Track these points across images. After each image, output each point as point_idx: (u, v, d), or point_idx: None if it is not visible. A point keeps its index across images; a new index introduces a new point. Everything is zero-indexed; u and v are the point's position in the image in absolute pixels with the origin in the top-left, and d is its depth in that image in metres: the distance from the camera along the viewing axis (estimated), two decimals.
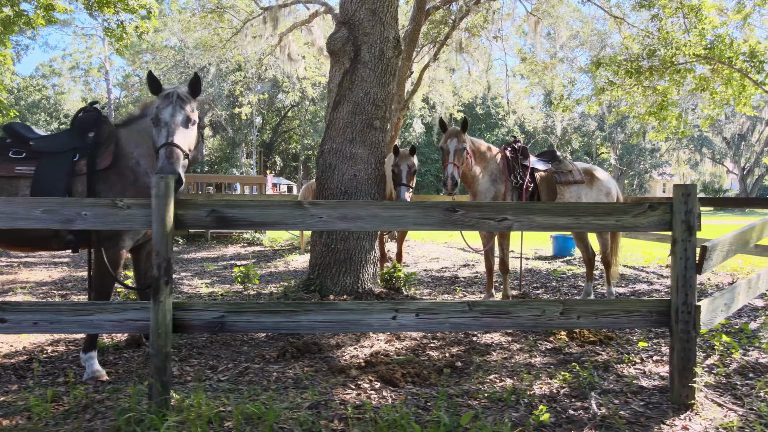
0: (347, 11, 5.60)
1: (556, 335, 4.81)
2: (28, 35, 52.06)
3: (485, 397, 3.33)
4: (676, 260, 3.18)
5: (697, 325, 3.17)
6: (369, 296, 5.46)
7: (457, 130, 5.59)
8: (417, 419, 2.99)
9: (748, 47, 9.88)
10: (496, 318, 3.21)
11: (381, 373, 3.70)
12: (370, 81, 5.53)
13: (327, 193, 5.55)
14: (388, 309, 3.14)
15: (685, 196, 3.16)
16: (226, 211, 3.03)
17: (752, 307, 6.29)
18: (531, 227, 3.28)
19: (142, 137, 3.74)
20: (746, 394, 3.44)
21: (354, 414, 3.01)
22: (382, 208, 3.15)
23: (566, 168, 6.15)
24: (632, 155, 49.99)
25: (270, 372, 3.83)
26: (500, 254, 6.01)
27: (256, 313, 3.06)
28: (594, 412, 3.10)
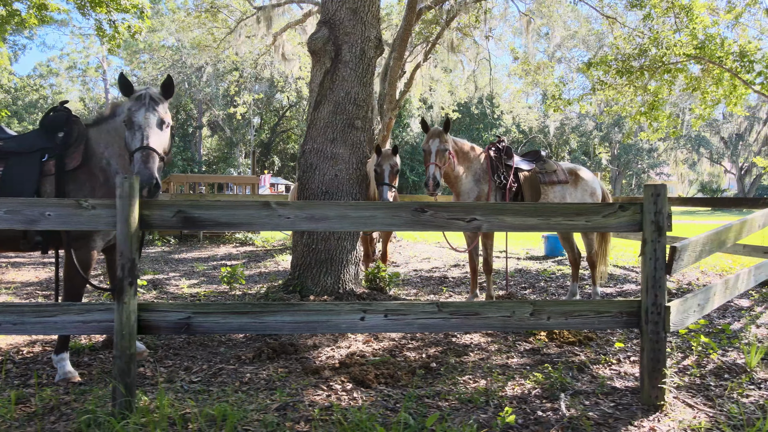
0: (328, 11, 5.58)
1: (536, 336, 4.80)
2: (25, 35, 52.09)
3: (455, 399, 3.31)
4: (646, 261, 3.17)
5: (666, 326, 3.16)
6: (350, 297, 5.44)
7: (439, 131, 5.57)
8: (384, 421, 2.98)
9: (738, 47, 9.87)
10: (465, 319, 3.20)
11: (354, 374, 3.68)
12: (351, 81, 5.51)
13: (308, 193, 5.53)
14: (356, 310, 3.12)
15: (655, 197, 3.14)
16: (192, 211, 3.01)
17: (737, 306, 6.28)
18: (501, 228, 3.26)
19: (113, 138, 3.72)
20: (719, 395, 3.43)
21: (320, 416, 2.99)
22: (350, 209, 3.13)
23: (550, 168, 6.14)
24: (630, 155, 50.00)
25: (243, 373, 3.81)
26: (483, 254, 5.99)
27: (223, 314, 3.05)
28: (563, 414, 3.09)
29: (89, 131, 3.76)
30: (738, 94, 10.78)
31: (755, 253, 7.57)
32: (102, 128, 3.75)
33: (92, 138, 3.73)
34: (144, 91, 3.56)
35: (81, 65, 57.23)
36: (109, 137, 3.70)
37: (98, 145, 3.72)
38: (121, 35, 14.95)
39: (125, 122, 3.53)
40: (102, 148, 3.76)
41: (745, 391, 3.50)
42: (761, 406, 3.27)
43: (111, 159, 3.75)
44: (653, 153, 52.18)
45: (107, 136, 3.71)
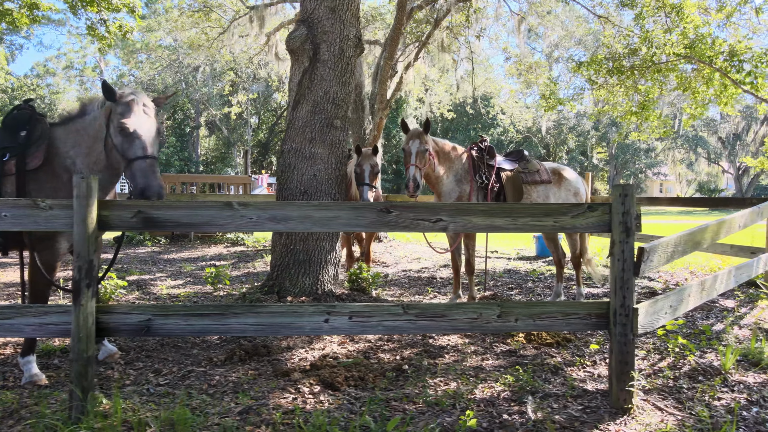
0: (306, 9, 5.53)
1: (514, 337, 4.75)
2: (22, 35, 52.03)
3: (423, 402, 3.27)
4: (614, 262, 3.13)
5: (634, 328, 3.12)
6: (329, 297, 5.40)
7: (419, 131, 5.52)
8: (346, 424, 2.94)
9: (728, 46, 9.83)
10: (431, 321, 3.16)
11: (323, 376, 3.64)
12: (329, 80, 5.47)
13: (286, 193, 5.48)
14: (320, 312, 3.08)
15: (623, 197, 3.10)
16: (153, 212, 2.97)
17: (723, 307, 6.25)
18: (467, 228, 3.22)
19: (81, 137, 3.66)
20: (690, 398, 3.39)
21: (282, 419, 2.95)
22: (313, 209, 3.09)
23: (533, 168, 6.10)
24: (627, 155, 49.98)
25: (213, 375, 3.77)
26: (466, 255, 5.95)
27: (184, 316, 3.01)
28: (528, 417, 3.05)
29: (55, 130, 3.70)
30: (729, 94, 10.74)
31: (742, 253, 7.54)
32: (69, 127, 3.68)
33: (58, 137, 3.67)
34: (133, 95, 3.48)
35: (78, 65, 57.16)
36: (77, 136, 3.65)
37: (64, 144, 3.66)
38: (113, 35, 14.90)
39: (119, 128, 3.40)
40: (68, 147, 3.69)
41: (717, 394, 3.46)
42: (732, 409, 3.24)
43: (77, 158, 3.69)
44: (650, 153, 52.17)
45: (75, 136, 3.65)
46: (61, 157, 3.60)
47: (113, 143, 3.47)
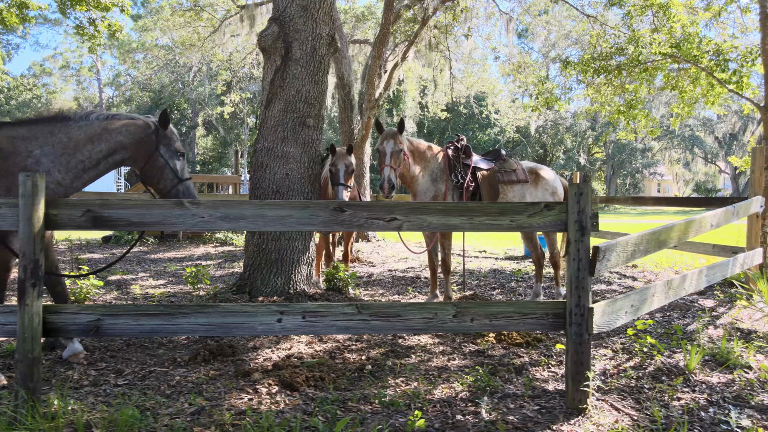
0: (278, 7, 5.49)
1: (484, 337, 4.73)
2: (18, 34, 52.02)
3: (379, 402, 3.24)
4: (570, 261, 3.11)
5: (589, 328, 3.09)
6: (301, 297, 5.37)
7: (393, 131, 5.49)
8: (297, 425, 2.91)
9: (714, 45, 9.80)
10: (385, 321, 3.13)
11: (284, 377, 3.61)
12: (302, 78, 5.43)
13: (259, 192, 5.45)
14: (273, 312, 3.05)
15: (578, 196, 3.08)
16: (102, 210, 2.94)
17: (701, 307, 6.23)
18: (422, 228, 3.20)
19: (57, 139, 3.75)
20: (650, 398, 3.37)
21: (232, 420, 2.92)
22: (266, 208, 3.06)
23: (510, 167, 6.07)
24: (623, 155, 49.97)
25: (173, 376, 3.74)
26: (441, 254, 5.92)
27: (133, 316, 2.98)
28: (482, 417, 3.02)
29: (15, 129, 3.69)
30: (716, 93, 10.71)
31: (724, 252, 7.50)
32: (43, 128, 3.73)
33: (18, 135, 3.65)
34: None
35: (74, 64, 57.13)
36: (53, 138, 3.68)
37: (26, 142, 3.65)
38: (101, 34, 14.86)
39: (178, 152, 4.23)
40: (33, 146, 3.69)
41: (677, 394, 3.44)
42: (690, 409, 3.21)
43: (43, 158, 3.68)
44: (647, 153, 52.16)
45: (50, 137, 3.68)
46: (20, 156, 3.57)
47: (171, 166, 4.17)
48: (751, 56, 9.33)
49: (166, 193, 4.17)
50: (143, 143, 4.07)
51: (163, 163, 4.10)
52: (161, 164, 4.10)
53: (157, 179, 4.15)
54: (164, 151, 4.11)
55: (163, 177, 4.14)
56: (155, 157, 4.09)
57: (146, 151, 4.08)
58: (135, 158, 4.10)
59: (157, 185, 4.18)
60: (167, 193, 4.17)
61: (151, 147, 4.08)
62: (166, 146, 4.13)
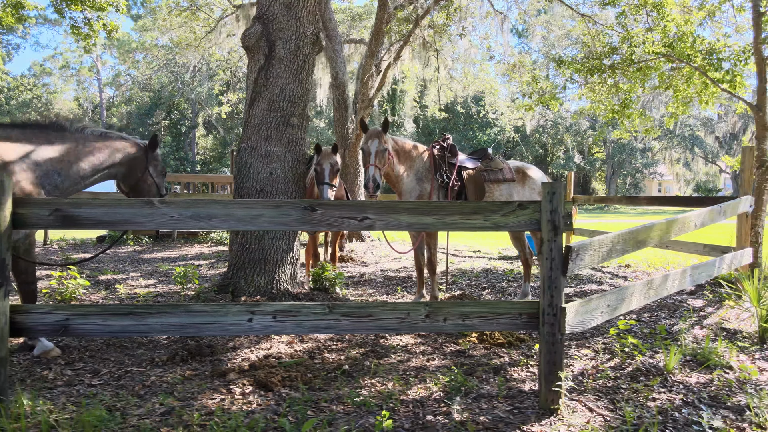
0: (262, 6, 5.48)
1: (466, 337, 4.71)
2: (18, 34, 52.07)
3: (352, 402, 3.23)
4: (543, 261, 3.08)
5: (562, 328, 3.07)
6: (285, 297, 5.35)
7: (377, 131, 5.47)
8: (265, 425, 2.89)
9: (708, 44, 9.76)
10: (357, 321, 3.11)
11: (259, 377, 3.59)
12: (285, 77, 5.41)
13: (243, 191, 5.44)
14: (244, 311, 3.04)
15: (551, 195, 3.06)
16: (71, 209, 2.93)
17: (690, 306, 6.20)
18: (395, 227, 3.18)
19: (53, 145, 4.06)
20: (625, 399, 3.35)
21: (200, 421, 2.91)
22: (236, 207, 3.05)
23: (496, 166, 6.05)
24: (623, 155, 49.89)
25: (149, 376, 3.72)
26: (427, 254, 5.90)
27: (103, 316, 2.97)
28: (452, 418, 3.00)
29: (6, 130, 3.85)
30: (710, 93, 10.67)
31: (715, 252, 7.48)
32: (38, 133, 4.02)
33: (11, 137, 3.81)
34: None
35: (75, 65, 57.19)
36: (49, 144, 4.03)
37: None
38: (96, 33, 14.86)
39: (163, 172, 4.82)
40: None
41: (653, 394, 3.41)
42: (664, 409, 3.19)
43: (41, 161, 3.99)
44: (647, 153, 52.07)
45: (46, 143, 4.02)
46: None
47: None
48: (744, 55, 9.30)
49: None
50: (136, 161, 4.61)
51: (152, 181, 4.68)
52: (150, 182, 4.68)
53: (145, 195, 4.69)
54: (152, 171, 4.69)
55: (151, 193, 4.70)
56: (145, 175, 4.65)
57: (138, 169, 4.62)
58: (127, 174, 4.61)
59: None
60: None
61: (142, 166, 4.63)
62: (153, 167, 4.71)
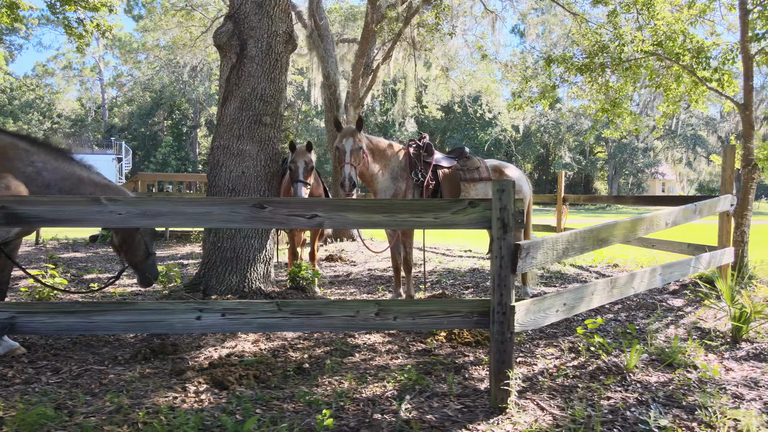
0: (234, 4, 5.48)
1: (435, 336, 4.69)
2: (21, 35, 52.31)
3: (303, 401, 3.22)
4: (492, 259, 3.07)
5: (511, 327, 3.06)
6: (257, 295, 5.35)
7: (352, 129, 5.46)
8: (211, 423, 2.89)
9: (695, 42, 9.71)
10: (306, 319, 3.10)
11: (216, 375, 3.58)
12: (257, 76, 5.41)
13: (215, 190, 5.44)
14: (192, 309, 3.04)
15: (500, 193, 3.04)
16: (16, 207, 2.93)
17: (669, 306, 6.18)
18: (344, 225, 3.17)
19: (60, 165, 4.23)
20: (580, 398, 3.33)
21: (145, 419, 2.90)
22: (185, 205, 3.04)
23: (473, 165, 6.03)
24: (624, 154, 49.70)
25: (108, 374, 3.72)
26: (403, 253, 5.89)
27: (50, 314, 2.97)
28: (400, 416, 2.99)
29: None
30: (700, 92, 10.61)
31: (698, 251, 7.44)
32: (46, 148, 4.22)
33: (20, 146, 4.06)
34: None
35: (77, 65, 57.45)
36: (56, 162, 4.21)
37: (28, 154, 4.09)
38: (89, 34, 14.92)
39: (153, 233, 4.94)
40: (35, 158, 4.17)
41: (608, 393, 3.39)
42: (616, 408, 3.17)
43: (44, 172, 4.16)
44: (649, 152, 51.86)
45: (53, 161, 4.21)
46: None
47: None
48: (732, 54, 9.25)
49: (136, 263, 4.79)
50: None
51: (140, 239, 4.72)
52: (138, 240, 4.71)
53: (132, 251, 4.75)
54: (143, 230, 4.74)
55: (138, 251, 4.75)
56: (135, 233, 4.70)
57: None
58: (118, 228, 4.67)
59: (131, 255, 4.78)
60: (137, 264, 4.79)
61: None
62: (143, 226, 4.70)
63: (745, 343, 4.69)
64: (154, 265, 4.86)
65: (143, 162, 48.47)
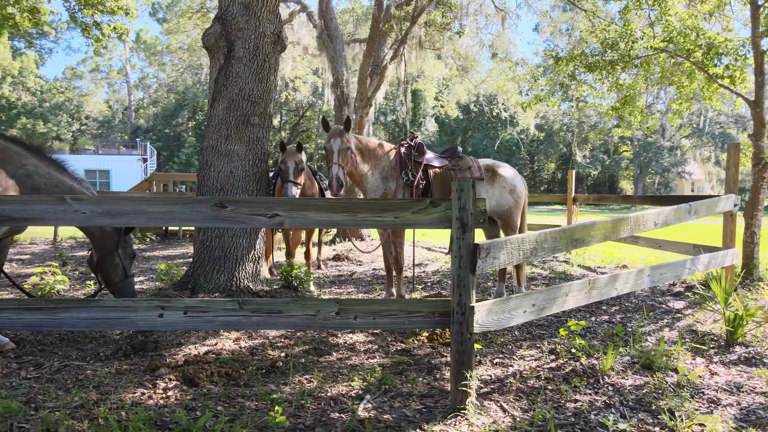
0: (221, 6, 5.54)
1: (417, 336, 4.68)
2: (51, 39, 53.65)
3: (266, 399, 3.24)
4: (452, 259, 3.04)
5: (470, 327, 3.03)
6: (244, 294, 5.40)
7: (340, 129, 5.47)
8: (170, 420, 2.93)
9: (706, 39, 9.47)
10: (267, 317, 3.12)
11: (188, 372, 3.63)
12: (245, 77, 5.46)
13: (204, 190, 5.51)
14: (155, 307, 3.08)
15: (459, 192, 3.02)
16: None
17: (668, 308, 6.06)
18: (305, 224, 3.18)
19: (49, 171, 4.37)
20: (546, 400, 3.28)
21: (106, 414, 2.95)
22: (147, 204, 3.09)
23: (465, 165, 5.98)
24: (650, 153, 48.71)
25: (85, 370, 3.80)
26: (393, 253, 5.88)
27: (16, 311, 3.04)
28: (356, 416, 2.98)
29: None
30: (713, 88, 10.36)
31: (703, 252, 7.26)
32: (34, 153, 4.35)
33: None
34: None
35: (104, 67, 58.81)
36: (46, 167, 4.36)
37: (20, 157, 4.27)
38: (107, 36, 15.25)
39: (131, 255, 4.87)
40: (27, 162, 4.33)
41: (576, 396, 3.34)
42: (580, 411, 3.11)
43: (35, 175, 4.30)
44: (675, 151, 50.73)
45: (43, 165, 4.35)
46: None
47: None
48: (744, 49, 9.00)
49: (112, 284, 4.76)
50: (108, 238, 4.68)
51: (118, 262, 4.72)
52: (116, 262, 4.72)
53: (110, 272, 4.74)
54: (121, 252, 4.73)
55: (116, 272, 4.74)
56: (113, 255, 4.70)
57: (108, 245, 4.69)
58: (99, 246, 4.69)
59: (108, 276, 4.75)
60: (113, 285, 4.76)
61: (112, 245, 4.69)
62: (123, 249, 4.76)
63: (739, 347, 4.56)
64: (131, 285, 4.81)
65: (167, 162, 49.31)
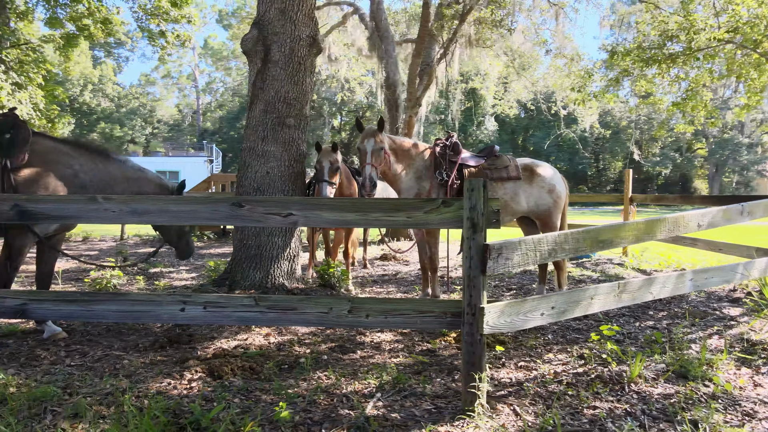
0: (259, 12, 5.71)
1: (444, 336, 4.65)
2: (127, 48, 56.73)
3: (282, 393, 3.33)
4: (463, 259, 3.02)
5: (480, 328, 2.99)
6: (279, 291, 5.55)
7: (373, 130, 5.52)
8: (187, 410, 3.07)
9: None
10: (282, 314, 3.21)
11: (214, 365, 3.78)
12: (281, 79, 5.60)
13: (242, 190, 5.70)
14: (177, 301, 3.23)
15: (470, 192, 2.99)
16: (27, 205, 3.26)
17: (722, 315, 5.73)
18: (318, 223, 3.24)
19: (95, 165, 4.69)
20: (563, 406, 3.19)
21: (130, 402, 3.13)
22: (171, 203, 3.25)
23: (502, 164, 5.89)
24: (726, 151, 45.89)
25: (123, 360, 4.04)
26: (428, 252, 5.87)
27: (54, 302, 3.28)
28: (364, 413, 3.01)
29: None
30: None
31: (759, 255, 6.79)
32: (84, 152, 4.67)
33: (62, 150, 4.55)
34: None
35: (175, 74, 61.75)
36: (92, 164, 4.66)
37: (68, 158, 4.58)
38: (171, 44, 16.03)
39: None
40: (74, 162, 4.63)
41: (596, 402, 3.22)
42: (598, 419, 3.01)
43: (81, 173, 4.61)
44: (756, 148, 47.52)
45: (90, 163, 4.66)
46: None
47: None
48: None
49: (173, 241, 5.39)
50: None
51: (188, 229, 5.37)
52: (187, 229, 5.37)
53: (166, 227, 5.27)
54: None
55: (172, 227, 5.26)
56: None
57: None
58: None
59: (166, 232, 5.34)
60: (173, 241, 5.39)
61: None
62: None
63: None
64: (190, 241, 5.43)
65: (232, 163, 51.10)
